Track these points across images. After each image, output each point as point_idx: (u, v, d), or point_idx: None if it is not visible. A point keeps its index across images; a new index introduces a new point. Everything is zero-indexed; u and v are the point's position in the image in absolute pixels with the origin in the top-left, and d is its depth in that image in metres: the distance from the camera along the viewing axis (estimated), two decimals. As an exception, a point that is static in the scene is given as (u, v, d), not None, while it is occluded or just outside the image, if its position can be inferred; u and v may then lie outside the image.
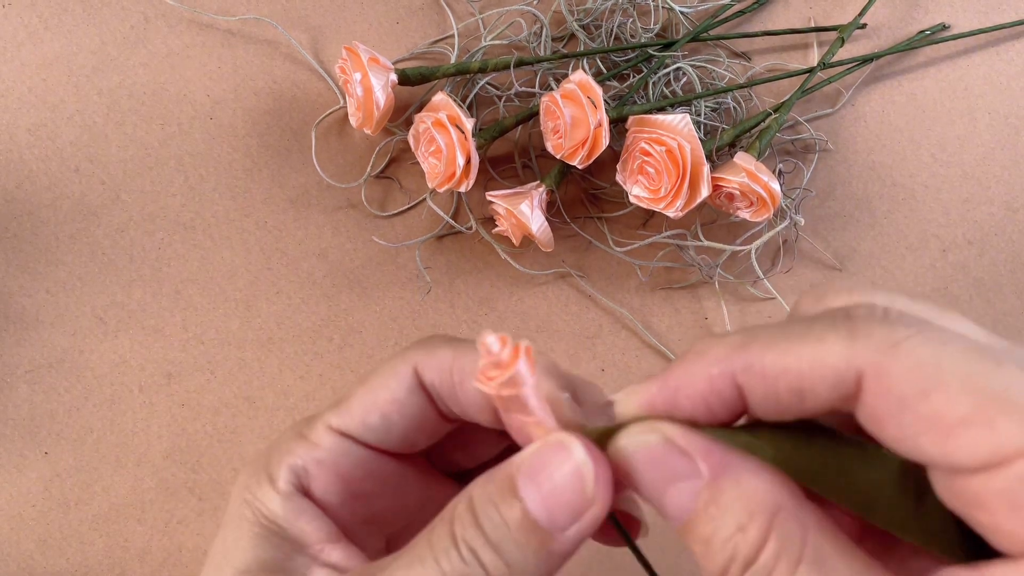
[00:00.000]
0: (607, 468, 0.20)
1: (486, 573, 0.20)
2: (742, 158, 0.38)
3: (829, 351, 0.17)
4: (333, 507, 0.24)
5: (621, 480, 0.21)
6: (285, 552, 0.22)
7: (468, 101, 0.43)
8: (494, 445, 0.27)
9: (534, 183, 0.40)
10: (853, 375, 0.17)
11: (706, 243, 0.41)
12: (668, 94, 0.43)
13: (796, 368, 0.18)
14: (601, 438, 0.21)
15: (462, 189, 0.39)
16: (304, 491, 0.23)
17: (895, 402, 0.17)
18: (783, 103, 0.41)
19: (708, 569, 0.19)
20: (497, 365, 0.18)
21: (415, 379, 0.24)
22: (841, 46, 0.43)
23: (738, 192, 0.38)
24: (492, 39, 0.44)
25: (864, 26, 0.46)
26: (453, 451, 0.27)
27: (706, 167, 0.37)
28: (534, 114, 0.41)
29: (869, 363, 0.17)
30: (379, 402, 0.23)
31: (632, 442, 0.20)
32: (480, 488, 0.21)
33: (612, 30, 0.44)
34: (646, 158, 0.37)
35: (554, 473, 0.20)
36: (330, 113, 0.44)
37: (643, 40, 0.44)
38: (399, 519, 0.25)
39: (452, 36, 0.45)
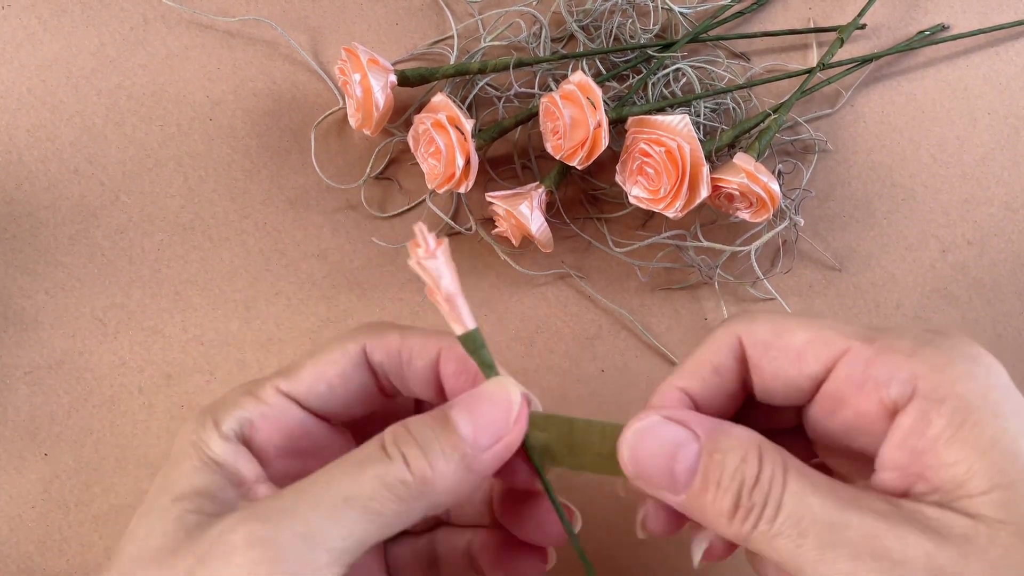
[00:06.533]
0: (526, 407, 0.26)
1: (408, 468, 0.23)
2: (741, 159, 0.38)
3: (719, 334, 0.27)
4: (269, 458, 0.27)
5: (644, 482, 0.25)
6: (219, 484, 0.25)
7: (467, 102, 0.43)
8: None
9: (534, 184, 0.40)
10: (737, 340, 0.27)
11: (706, 244, 0.41)
12: (667, 95, 0.43)
13: (709, 356, 0.27)
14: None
15: (462, 190, 0.39)
16: (246, 441, 0.26)
17: (761, 345, 0.26)
18: (782, 104, 0.41)
19: (720, 507, 0.23)
20: (421, 245, 0.25)
21: (363, 357, 0.28)
22: (840, 46, 0.43)
23: (738, 193, 0.38)
24: (491, 40, 0.44)
25: (864, 27, 0.46)
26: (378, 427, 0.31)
27: (705, 168, 0.37)
28: (533, 115, 0.41)
29: (742, 328, 0.27)
30: (327, 374, 0.27)
31: (636, 427, 0.25)
32: (415, 417, 0.25)
33: (611, 31, 0.44)
34: (645, 159, 0.37)
35: (491, 402, 0.25)
36: (329, 114, 0.44)
37: (642, 41, 0.44)
38: None
39: (451, 37, 0.45)
